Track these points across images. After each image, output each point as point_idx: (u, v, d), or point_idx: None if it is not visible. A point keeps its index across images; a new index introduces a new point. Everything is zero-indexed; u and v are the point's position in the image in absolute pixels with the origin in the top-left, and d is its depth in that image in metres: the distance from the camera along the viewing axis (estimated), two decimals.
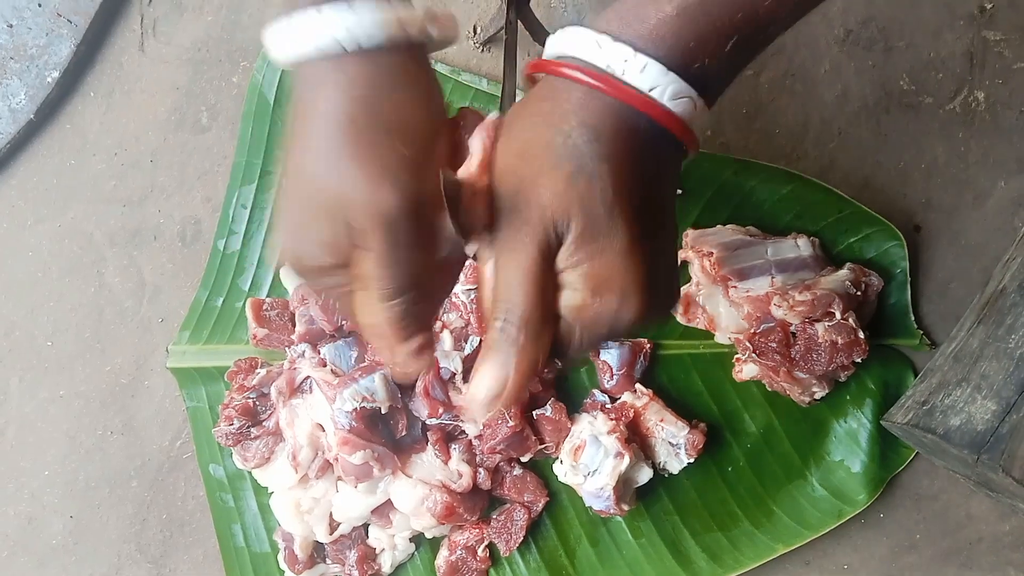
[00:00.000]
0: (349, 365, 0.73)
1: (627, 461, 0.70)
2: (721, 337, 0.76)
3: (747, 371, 0.75)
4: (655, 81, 0.37)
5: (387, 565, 0.75)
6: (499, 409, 0.40)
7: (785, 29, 0.40)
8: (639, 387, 0.74)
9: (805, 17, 0.40)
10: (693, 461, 0.73)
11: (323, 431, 0.71)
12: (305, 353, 0.74)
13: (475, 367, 0.40)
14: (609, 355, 0.75)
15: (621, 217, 0.38)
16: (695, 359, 0.77)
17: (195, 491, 0.79)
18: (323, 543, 0.75)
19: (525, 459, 0.74)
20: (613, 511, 0.71)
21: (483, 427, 0.71)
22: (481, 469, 0.73)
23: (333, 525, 0.74)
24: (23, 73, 0.79)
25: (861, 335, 0.70)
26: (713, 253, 0.73)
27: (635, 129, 0.38)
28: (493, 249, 0.40)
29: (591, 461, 0.71)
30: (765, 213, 0.76)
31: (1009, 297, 0.69)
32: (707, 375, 0.77)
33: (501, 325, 0.39)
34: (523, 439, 0.72)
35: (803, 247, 0.74)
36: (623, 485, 0.71)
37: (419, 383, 0.71)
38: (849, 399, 0.75)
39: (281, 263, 0.42)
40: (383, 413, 0.70)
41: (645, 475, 0.72)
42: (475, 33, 0.80)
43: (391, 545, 0.75)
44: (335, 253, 0.40)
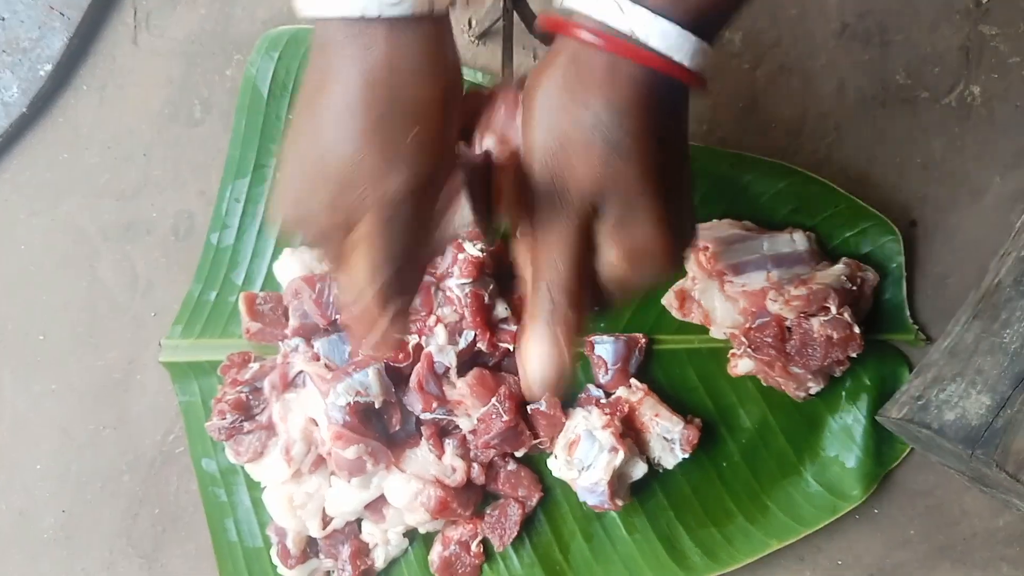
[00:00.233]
0: (343, 359, 0.73)
1: (621, 456, 0.69)
2: (716, 332, 0.75)
3: (742, 366, 0.75)
4: (675, 43, 0.38)
5: (380, 560, 0.75)
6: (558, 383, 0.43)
7: None
8: (634, 382, 0.74)
9: (801, 11, 0.41)
10: (688, 456, 0.73)
11: (316, 425, 0.71)
12: (298, 347, 0.74)
13: (522, 347, 0.42)
14: (604, 350, 0.74)
15: (652, 190, 0.40)
16: (690, 354, 0.77)
17: (188, 486, 0.79)
18: (316, 538, 0.75)
19: (519, 454, 0.74)
20: (607, 506, 0.71)
21: (477, 422, 0.71)
22: (475, 464, 0.72)
23: (326, 520, 0.74)
24: (15, 66, 0.79)
25: (856, 330, 0.70)
26: (709, 247, 0.72)
27: (658, 93, 0.39)
28: (530, 225, 0.42)
29: (585, 456, 0.70)
30: (761, 207, 0.76)
31: (1004, 292, 0.69)
32: (702, 370, 0.76)
33: (548, 305, 0.41)
34: (517, 434, 0.71)
35: (799, 242, 0.74)
36: (617, 480, 0.71)
37: (413, 377, 0.71)
38: (844, 394, 0.75)
39: (280, 220, 0.43)
40: (377, 407, 0.70)
41: (640, 470, 0.72)
42: (471, 27, 0.80)
43: (384, 540, 0.75)
44: (335, 218, 0.41)
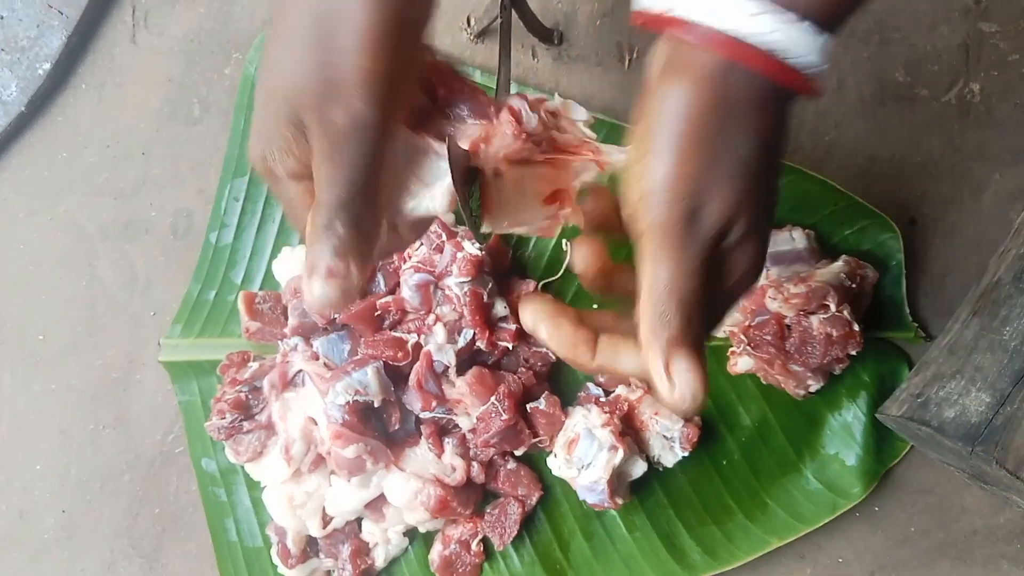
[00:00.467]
0: (342, 358, 0.73)
1: (621, 454, 0.69)
2: (716, 330, 0.75)
3: (742, 364, 0.75)
4: (820, 60, 0.37)
5: (380, 559, 0.75)
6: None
7: None
8: (633, 380, 0.74)
9: None
10: (687, 454, 0.73)
11: (316, 425, 0.71)
12: (298, 346, 0.74)
13: (664, 372, 0.39)
14: None
15: (771, 212, 0.40)
16: None
17: (187, 485, 0.79)
18: (316, 537, 0.75)
19: (519, 453, 0.73)
20: (607, 505, 0.71)
21: (477, 420, 0.71)
22: (475, 463, 0.72)
23: (326, 519, 0.74)
24: (14, 65, 0.79)
25: (856, 328, 0.70)
26: None
27: (786, 109, 0.39)
28: (647, 241, 0.39)
29: (585, 454, 0.70)
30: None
31: (1004, 289, 0.68)
32: None
33: (682, 323, 0.39)
34: (517, 432, 0.71)
35: (798, 239, 0.74)
36: (617, 479, 0.71)
37: (412, 376, 0.71)
38: (844, 392, 0.75)
39: (252, 162, 0.41)
40: (376, 407, 0.70)
41: (639, 469, 0.72)
42: (469, 25, 0.80)
43: (384, 539, 0.75)
44: (291, 152, 0.39)
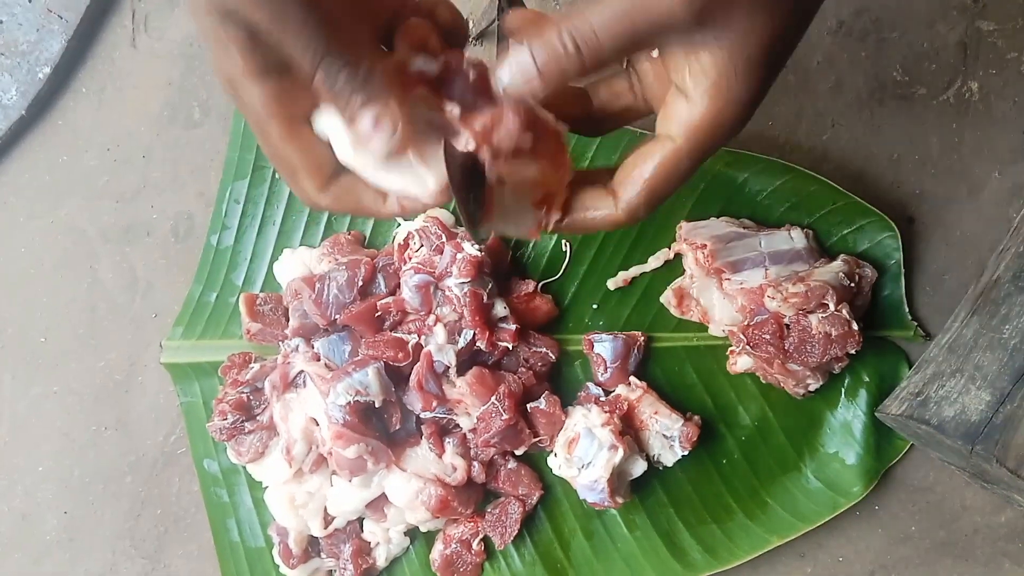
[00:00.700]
0: (343, 359, 0.73)
1: (621, 454, 0.70)
2: (715, 329, 0.76)
3: (741, 363, 0.75)
4: None
5: (382, 559, 0.75)
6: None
7: None
8: (633, 380, 0.74)
9: None
10: (687, 454, 0.73)
11: (317, 425, 0.71)
12: (298, 347, 0.74)
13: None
14: (603, 348, 0.75)
15: (773, 57, 0.38)
16: (689, 352, 0.77)
17: (189, 486, 0.79)
18: (318, 537, 0.75)
19: (519, 452, 0.74)
20: (607, 504, 0.71)
21: (477, 420, 0.71)
22: (475, 462, 0.72)
23: (327, 519, 0.74)
24: (14, 69, 0.79)
25: (855, 327, 0.70)
26: (706, 245, 0.73)
27: None
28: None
29: (585, 454, 0.71)
30: (759, 205, 0.76)
31: (1003, 287, 0.69)
32: (701, 368, 0.76)
33: (560, 50, 0.38)
34: (517, 432, 0.71)
35: (797, 239, 0.74)
36: (617, 478, 0.71)
37: (413, 377, 0.71)
38: (843, 391, 0.75)
39: (216, 64, 0.37)
40: (377, 407, 0.70)
41: (639, 468, 0.72)
42: (468, 26, 0.80)
43: (386, 539, 0.75)
44: (260, 40, 0.36)
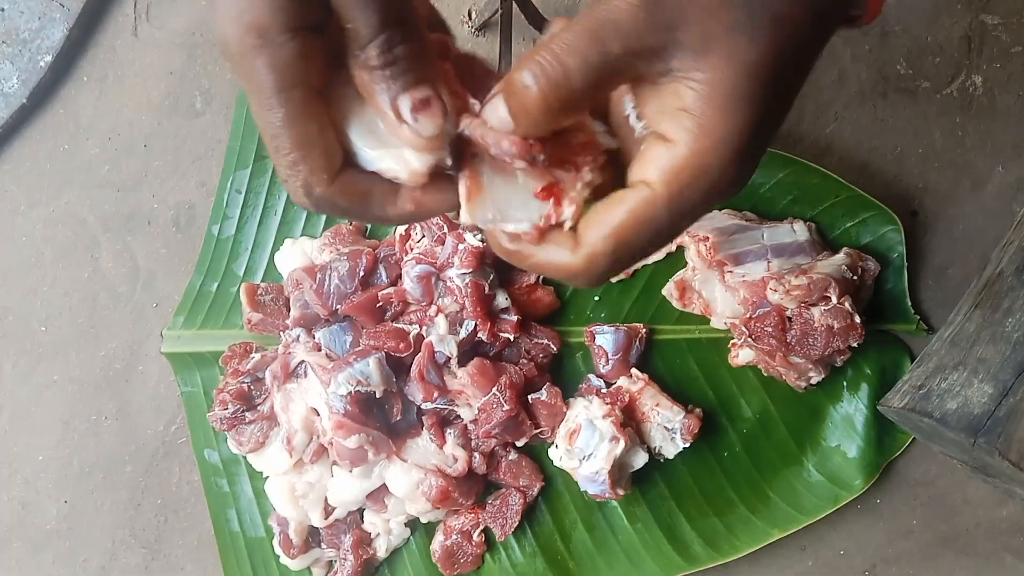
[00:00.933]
0: (344, 349, 0.73)
1: (622, 445, 0.69)
2: (717, 322, 0.75)
3: (743, 356, 0.75)
4: None
5: (382, 550, 0.75)
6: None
7: None
8: (635, 372, 0.74)
9: None
10: (689, 446, 0.73)
11: (318, 415, 0.71)
12: (299, 337, 0.74)
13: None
14: (604, 340, 0.74)
15: (760, 93, 0.34)
16: (691, 344, 0.77)
17: (190, 476, 0.79)
18: (318, 528, 0.75)
19: (520, 443, 0.74)
20: (608, 495, 0.71)
21: (478, 411, 0.71)
22: (476, 453, 0.72)
23: (328, 510, 0.74)
24: (15, 57, 0.79)
25: (857, 320, 0.70)
26: (709, 238, 0.72)
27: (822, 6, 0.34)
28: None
29: (586, 445, 0.70)
30: (761, 198, 0.76)
31: (1006, 281, 0.68)
32: (703, 360, 0.76)
33: (542, 64, 0.34)
34: (518, 423, 0.71)
35: (799, 232, 0.74)
36: (618, 470, 0.71)
37: (414, 367, 0.71)
38: (845, 384, 0.75)
39: (222, 43, 0.34)
40: (378, 397, 0.70)
41: (640, 460, 0.72)
42: (470, 18, 0.80)
43: (386, 530, 0.75)
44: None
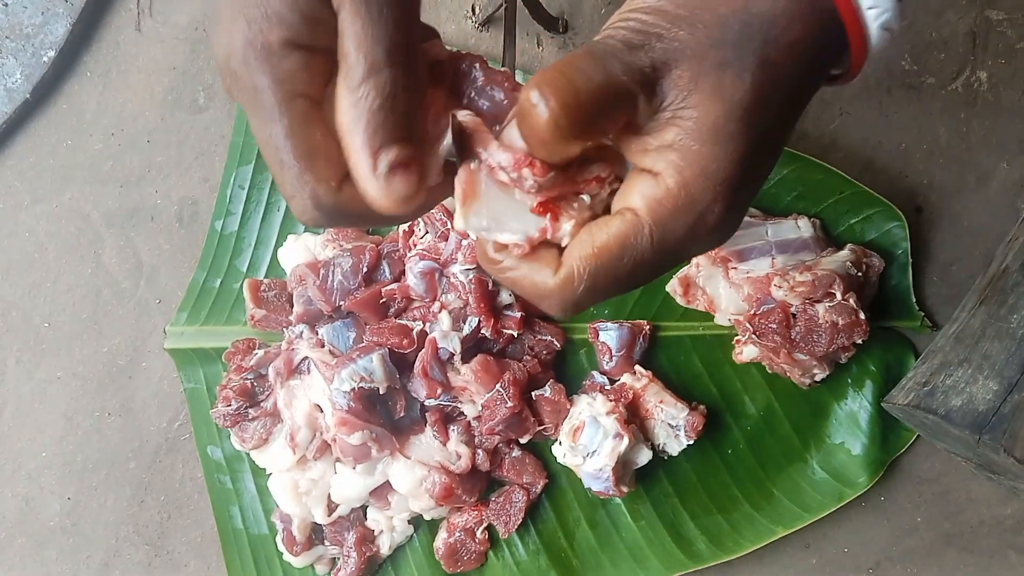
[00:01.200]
0: (347, 345, 0.72)
1: (626, 442, 0.69)
2: (721, 319, 0.75)
3: (747, 353, 0.74)
4: (880, 1, 0.35)
5: (385, 547, 0.75)
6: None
7: None
8: (638, 369, 0.74)
9: None
10: (693, 443, 0.72)
11: (321, 412, 0.71)
12: (303, 334, 0.74)
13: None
14: (608, 336, 0.74)
15: (745, 130, 0.35)
16: (695, 341, 0.76)
17: (193, 473, 0.79)
18: (321, 525, 0.75)
19: (524, 440, 0.73)
20: (612, 492, 0.71)
21: (482, 408, 0.71)
22: (480, 450, 0.72)
23: (331, 507, 0.74)
24: (19, 52, 0.79)
25: (862, 316, 0.70)
26: None
27: (814, 45, 0.35)
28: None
29: (590, 442, 0.70)
30: (766, 194, 0.76)
31: (1012, 277, 0.68)
32: (707, 357, 0.76)
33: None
34: (522, 420, 0.71)
35: (804, 228, 0.73)
36: (622, 467, 0.71)
37: (417, 364, 0.71)
38: (850, 381, 0.75)
39: (219, 56, 0.34)
40: (381, 394, 0.69)
41: (644, 457, 0.72)
42: (473, 12, 0.80)
43: (389, 527, 0.75)
44: (287, 15, 0.33)
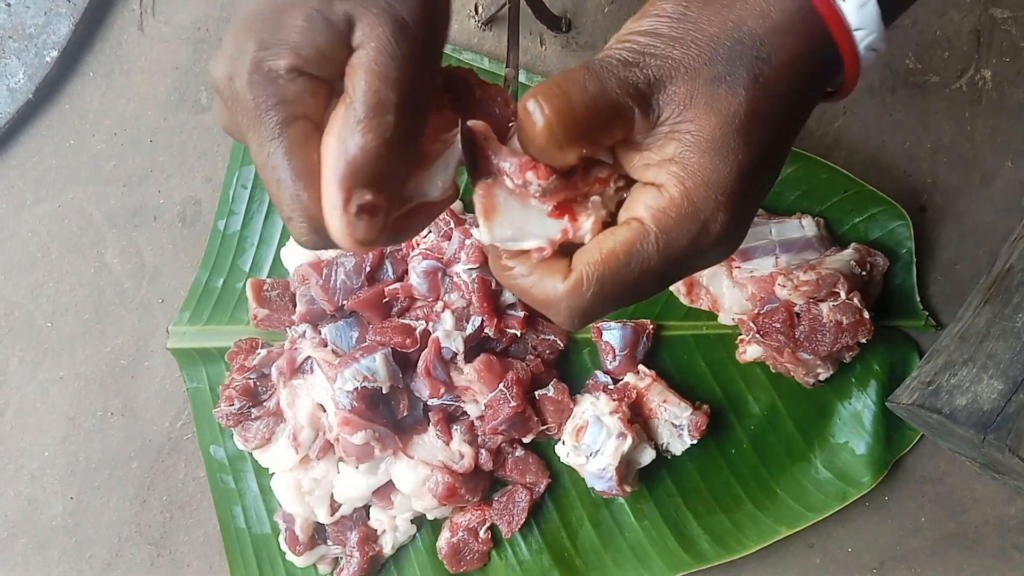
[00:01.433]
0: (350, 345, 0.72)
1: (629, 442, 0.69)
2: (725, 318, 0.75)
3: (751, 352, 0.74)
4: (867, 24, 0.36)
5: (388, 547, 0.75)
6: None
7: None
8: (642, 368, 0.74)
9: None
10: (696, 443, 0.72)
11: (324, 411, 0.71)
12: (306, 333, 0.74)
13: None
14: (611, 336, 0.74)
15: (743, 142, 0.36)
16: (698, 340, 0.76)
17: (196, 472, 0.79)
18: (324, 524, 0.75)
19: (527, 440, 0.73)
20: (615, 492, 0.71)
21: (485, 408, 0.71)
22: (483, 450, 0.72)
23: (334, 506, 0.74)
24: (21, 52, 0.79)
25: (866, 315, 0.70)
26: None
27: (807, 62, 0.36)
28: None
29: (593, 442, 0.70)
30: (769, 193, 0.75)
31: (1016, 276, 0.68)
32: (710, 356, 0.76)
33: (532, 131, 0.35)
34: (525, 420, 0.71)
35: (808, 227, 0.73)
36: (625, 466, 0.71)
37: (420, 363, 0.71)
38: (854, 381, 0.75)
39: (220, 75, 0.35)
40: (384, 393, 0.69)
41: (648, 456, 0.71)
42: (477, 12, 0.80)
43: (392, 526, 0.75)
44: (300, 42, 0.34)
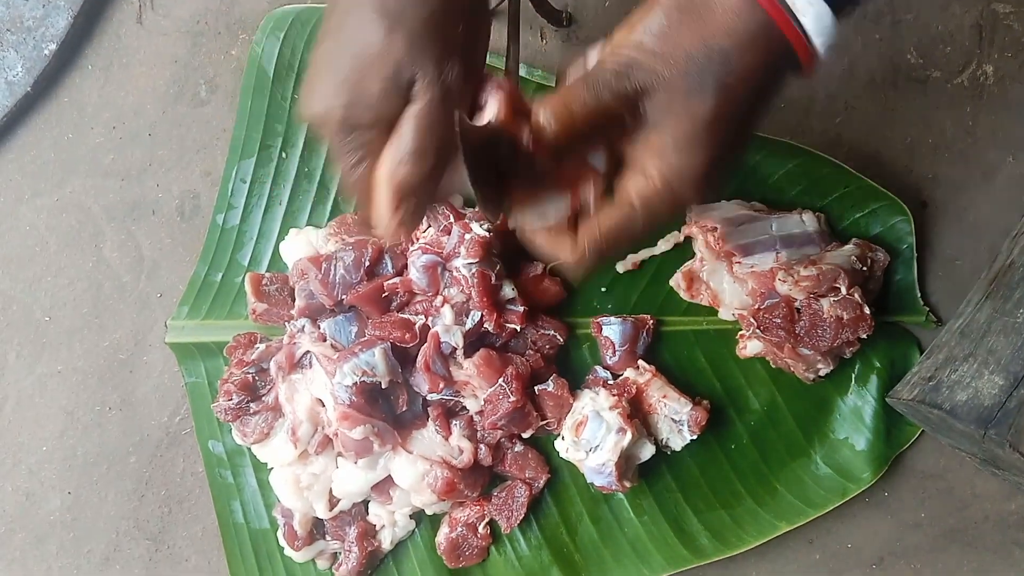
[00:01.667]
0: (349, 340, 0.72)
1: (629, 437, 0.69)
2: (725, 313, 0.75)
3: (751, 347, 0.74)
4: (821, 28, 0.39)
5: (387, 542, 0.75)
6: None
7: None
8: (642, 363, 0.74)
9: None
10: (696, 438, 0.72)
11: (323, 406, 0.70)
12: (305, 328, 0.73)
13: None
14: (611, 331, 0.74)
15: (712, 139, 0.42)
16: (698, 335, 0.76)
17: (194, 467, 0.79)
18: (323, 519, 0.74)
19: (526, 435, 0.73)
20: (615, 487, 0.70)
21: (484, 403, 0.71)
22: (482, 445, 0.72)
23: (333, 501, 0.73)
24: (20, 45, 0.78)
25: (867, 311, 0.69)
26: (717, 228, 0.72)
27: (768, 69, 0.41)
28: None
29: (593, 437, 0.70)
30: (770, 188, 0.75)
31: (1018, 271, 0.68)
32: (710, 352, 0.76)
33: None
34: (524, 415, 0.71)
35: (808, 222, 0.73)
36: (625, 461, 0.71)
37: (420, 358, 0.71)
38: (854, 376, 0.75)
39: (316, 115, 0.45)
40: (383, 388, 0.69)
41: (647, 452, 0.71)
42: None
43: (391, 521, 0.74)
44: (378, 105, 0.44)
